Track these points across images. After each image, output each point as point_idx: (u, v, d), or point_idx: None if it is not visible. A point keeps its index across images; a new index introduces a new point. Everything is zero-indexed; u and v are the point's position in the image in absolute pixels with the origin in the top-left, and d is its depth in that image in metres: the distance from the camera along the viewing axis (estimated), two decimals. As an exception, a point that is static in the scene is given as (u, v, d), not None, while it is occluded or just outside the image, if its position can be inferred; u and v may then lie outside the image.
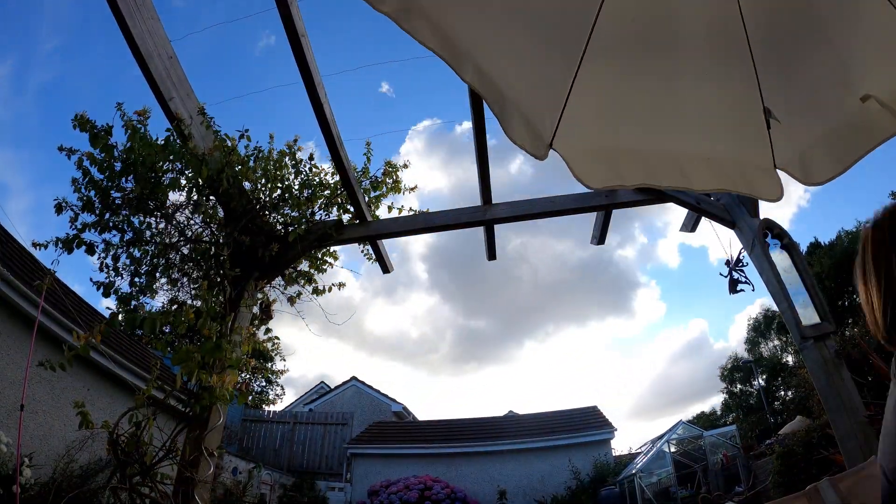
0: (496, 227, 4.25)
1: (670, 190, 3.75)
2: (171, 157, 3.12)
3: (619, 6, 1.62)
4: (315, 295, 4.18)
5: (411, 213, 4.15)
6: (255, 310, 3.59)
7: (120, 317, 2.89)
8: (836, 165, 1.75)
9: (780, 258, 3.37)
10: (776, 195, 1.87)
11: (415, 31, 1.38)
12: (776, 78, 1.75)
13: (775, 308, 3.47)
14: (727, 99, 1.87)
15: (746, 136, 1.89)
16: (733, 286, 3.60)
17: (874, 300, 0.96)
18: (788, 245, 3.43)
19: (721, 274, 3.67)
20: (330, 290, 4.24)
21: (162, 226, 3.36)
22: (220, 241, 3.49)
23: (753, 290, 3.57)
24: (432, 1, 1.45)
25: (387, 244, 4.49)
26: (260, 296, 3.64)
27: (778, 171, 1.87)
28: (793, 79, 1.78)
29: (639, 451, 14.99)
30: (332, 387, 21.51)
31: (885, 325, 0.95)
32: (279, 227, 3.80)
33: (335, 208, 4.07)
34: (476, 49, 1.53)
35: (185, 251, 3.50)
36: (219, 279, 3.38)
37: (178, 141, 3.14)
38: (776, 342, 24.13)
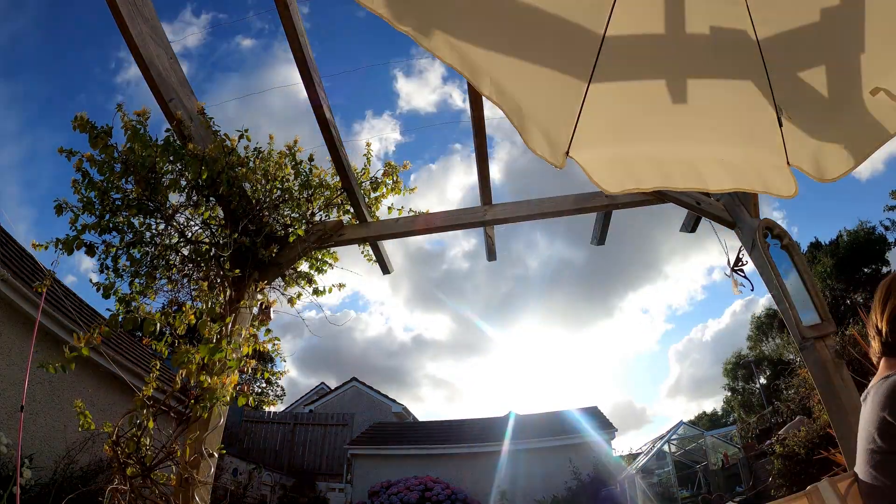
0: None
1: (670, 190, 3.75)
2: (171, 158, 3.12)
3: (628, 14, 1.62)
4: (315, 296, 4.17)
5: (411, 213, 4.15)
6: (255, 311, 3.59)
7: (120, 318, 2.89)
8: (847, 161, 1.75)
9: (781, 258, 3.37)
10: (791, 191, 1.87)
11: (435, 49, 1.43)
12: (786, 75, 1.75)
13: (776, 307, 3.47)
14: (739, 98, 1.87)
15: (759, 135, 1.89)
16: (737, 285, 3.60)
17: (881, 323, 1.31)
18: (788, 245, 3.42)
19: (726, 273, 3.68)
20: (330, 290, 4.23)
21: (162, 227, 3.36)
22: (220, 242, 3.49)
23: (753, 290, 3.57)
24: (450, 19, 1.48)
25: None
26: (260, 297, 3.64)
27: (791, 168, 1.88)
28: (803, 75, 1.78)
29: (639, 451, 14.99)
30: (333, 388, 21.53)
31: (881, 340, 1.31)
32: (279, 228, 3.80)
33: (335, 209, 4.07)
34: (492, 63, 1.57)
35: (185, 252, 3.50)
36: (219, 280, 3.38)
37: (177, 142, 3.14)
38: (778, 340, 24.15)
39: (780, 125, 1.76)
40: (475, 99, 3.22)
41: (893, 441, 1.15)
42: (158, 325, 2.80)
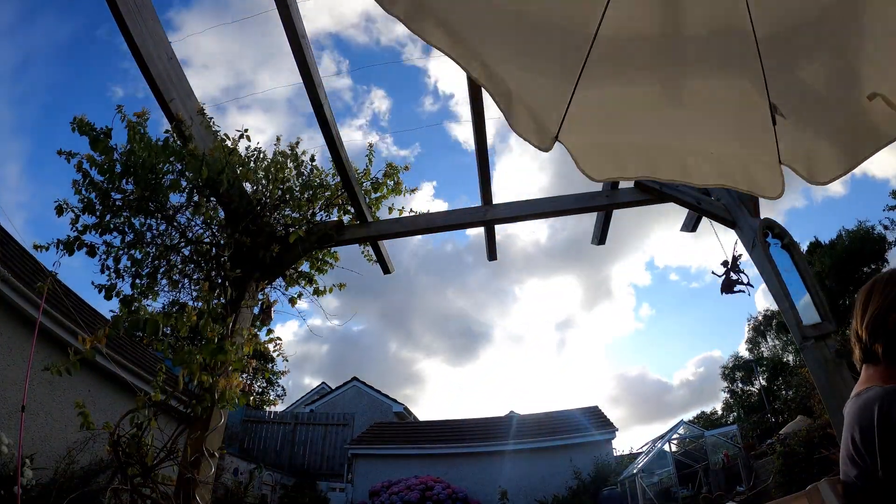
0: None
1: (672, 190, 3.76)
2: (172, 159, 3.12)
3: (625, 5, 1.62)
4: (316, 296, 4.17)
5: (412, 213, 4.15)
6: (256, 310, 3.59)
7: (124, 322, 2.89)
8: (840, 165, 1.74)
9: (781, 258, 3.37)
10: (777, 192, 1.86)
11: (423, 32, 1.42)
12: (783, 75, 1.74)
13: (774, 307, 3.47)
14: (732, 95, 1.86)
15: (751, 133, 1.88)
16: (729, 287, 3.60)
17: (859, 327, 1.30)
18: (789, 244, 3.42)
19: (713, 272, 3.68)
20: (331, 290, 4.24)
21: (163, 227, 3.36)
22: (222, 242, 3.49)
23: (751, 294, 3.57)
24: (443, 3, 1.48)
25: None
26: (261, 297, 3.64)
27: (782, 166, 1.87)
28: (800, 76, 1.77)
29: (640, 450, 14.99)
30: (333, 387, 21.54)
31: (861, 347, 1.29)
32: (280, 228, 3.80)
33: (336, 209, 4.07)
34: (483, 47, 1.56)
35: (186, 252, 3.50)
36: (220, 280, 3.38)
37: (177, 142, 3.14)
38: (776, 342, 24.14)
39: (774, 124, 1.75)
40: (475, 98, 3.22)
41: (860, 468, 1.13)
42: (161, 326, 2.80)
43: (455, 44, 1.49)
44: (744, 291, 3.58)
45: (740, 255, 3.56)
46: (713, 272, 3.68)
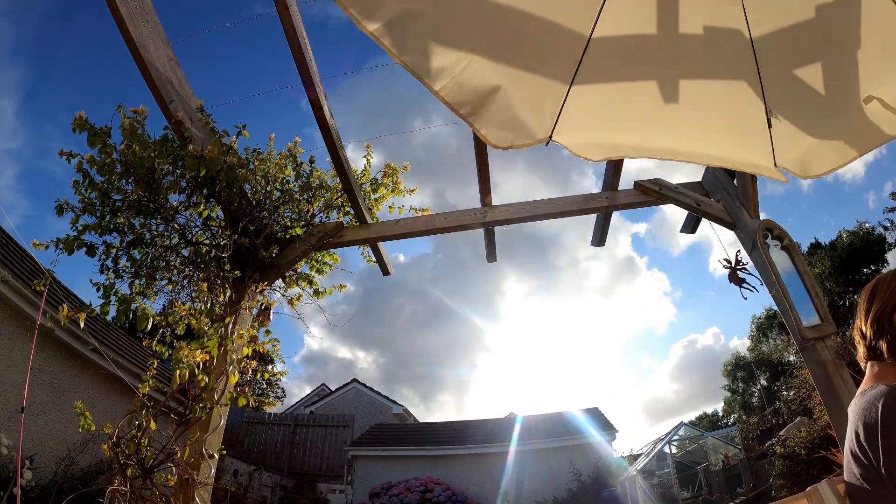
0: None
1: (671, 192, 3.75)
2: (171, 158, 3.11)
3: (621, 7, 1.62)
4: (315, 297, 4.17)
5: (411, 214, 4.15)
6: (255, 312, 3.59)
7: (110, 310, 2.90)
8: (833, 160, 1.76)
9: (781, 259, 3.37)
10: (782, 177, 1.88)
11: (393, 46, 1.43)
12: (779, 77, 1.75)
13: (776, 308, 3.46)
14: (730, 97, 1.87)
15: (748, 135, 1.89)
16: (738, 281, 3.59)
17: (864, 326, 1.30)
18: (788, 246, 3.42)
19: (737, 269, 3.64)
20: (331, 292, 4.24)
21: (162, 228, 3.35)
22: (220, 243, 3.49)
23: (757, 291, 3.55)
24: (422, 11, 1.47)
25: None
26: (260, 298, 3.64)
27: (779, 169, 1.88)
28: (795, 78, 1.78)
29: (640, 451, 14.98)
30: (333, 389, 21.54)
31: (865, 344, 1.29)
32: (279, 229, 3.80)
33: (335, 210, 4.07)
34: (478, 47, 1.57)
35: (186, 254, 3.50)
36: (218, 281, 3.38)
37: (176, 141, 3.14)
38: (778, 341, 24.12)
39: (770, 126, 1.76)
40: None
41: (864, 467, 1.13)
42: (152, 320, 2.80)
43: (424, 59, 1.49)
44: (749, 289, 3.56)
45: (741, 254, 3.55)
46: (735, 268, 3.63)
